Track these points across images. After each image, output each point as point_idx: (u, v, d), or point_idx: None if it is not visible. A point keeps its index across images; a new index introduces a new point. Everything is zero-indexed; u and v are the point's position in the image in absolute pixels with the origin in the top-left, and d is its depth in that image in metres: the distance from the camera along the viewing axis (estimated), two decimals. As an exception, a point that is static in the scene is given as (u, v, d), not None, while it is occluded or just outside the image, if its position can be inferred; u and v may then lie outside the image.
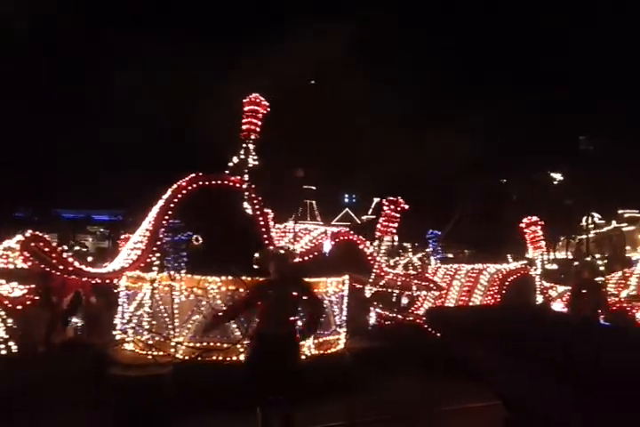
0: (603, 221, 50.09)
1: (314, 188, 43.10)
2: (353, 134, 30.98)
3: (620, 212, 48.04)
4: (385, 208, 9.48)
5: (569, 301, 9.57)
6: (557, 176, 43.91)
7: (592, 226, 45.80)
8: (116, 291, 8.63)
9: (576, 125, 41.36)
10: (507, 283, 10.55)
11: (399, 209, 9.45)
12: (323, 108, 30.97)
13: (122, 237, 10.17)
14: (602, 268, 13.56)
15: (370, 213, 48.27)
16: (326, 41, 28.77)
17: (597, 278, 11.10)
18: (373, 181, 35.74)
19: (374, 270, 9.24)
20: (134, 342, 8.05)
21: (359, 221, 46.28)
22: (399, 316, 10.56)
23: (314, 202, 44.86)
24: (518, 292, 10.52)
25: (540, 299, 10.73)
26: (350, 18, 31.02)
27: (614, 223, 48.42)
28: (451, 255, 25.25)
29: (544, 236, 10.81)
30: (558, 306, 10.72)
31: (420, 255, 10.65)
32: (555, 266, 14.52)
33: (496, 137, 36.56)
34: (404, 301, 11.85)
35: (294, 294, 5.63)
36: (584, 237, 44.25)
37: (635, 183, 35.84)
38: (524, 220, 11.02)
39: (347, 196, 52.46)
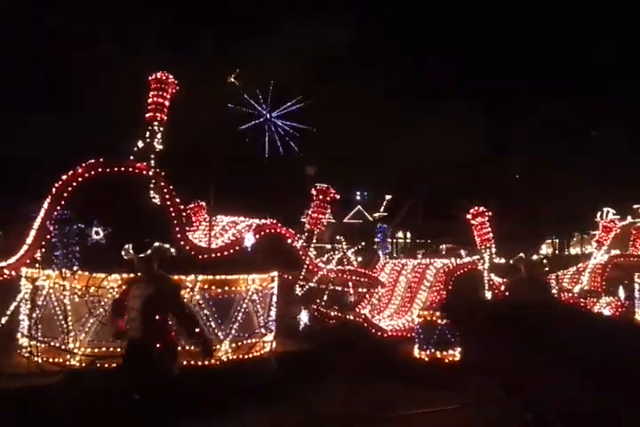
0: (617, 217, 49.22)
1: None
2: (365, 131, 30.33)
3: (635, 206, 47.31)
4: (314, 198, 8.70)
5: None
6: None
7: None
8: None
9: (585, 121, 40.17)
10: (453, 278, 9.91)
11: (329, 199, 8.69)
12: (334, 105, 30.28)
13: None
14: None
15: (382, 210, 47.82)
16: (328, 39, 27.88)
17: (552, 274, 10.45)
18: (385, 178, 35.14)
19: (305, 266, 8.46)
20: (30, 347, 7.19)
21: (371, 219, 45.90)
22: (339, 314, 9.81)
23: (326, 199, 44.17)
24: (465, 287, 9.89)
25: (488, 295, 10.08)
26: (352, 17, 30.04)
27: (630, 218, 47.46)
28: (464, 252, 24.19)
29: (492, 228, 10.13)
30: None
31: (353, 250, 9.92)
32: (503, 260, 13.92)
33: (504, 134, 35.80)
34: (350, 298, 11.14)
35: (158, 296, 4.81)
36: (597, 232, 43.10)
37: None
38: (471, 210, 10.34)
39: (358, 193, 52.00)
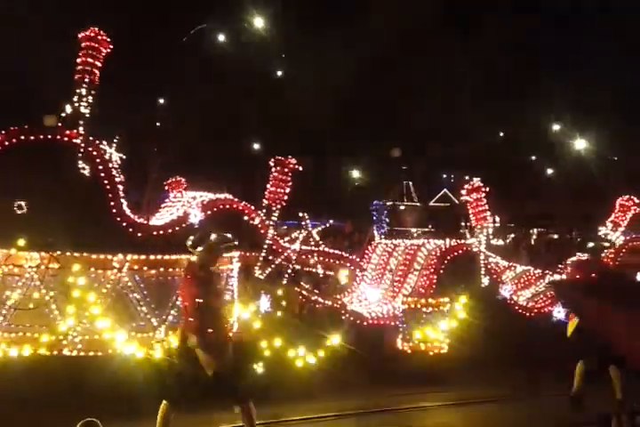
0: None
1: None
2: (453, 111, 28.94)
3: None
4: (273, 171, 7.78)
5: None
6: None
7: None
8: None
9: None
10: (445, 261, 8.88)
11: (287, 170, 7.76)
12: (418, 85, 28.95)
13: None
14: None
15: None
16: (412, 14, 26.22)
17: None
18: (474, 159, 33.73)
19: (267, 245, 7.62)
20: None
21: (457, 202, 44.64)
22: (319, 299, 8.95)
23: (410, 182, 43.76)
24: (459, 271, 8.86)
25: (485, 280, 8.99)
26: None
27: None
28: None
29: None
30: (507, 289, 8.99)
31: (318, 229, 8.97)
32: (500, 242, 12.73)
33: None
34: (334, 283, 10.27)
35: None
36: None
37: None
38: (466, 186, 9.23)
39: (445, 176, 51.28)
